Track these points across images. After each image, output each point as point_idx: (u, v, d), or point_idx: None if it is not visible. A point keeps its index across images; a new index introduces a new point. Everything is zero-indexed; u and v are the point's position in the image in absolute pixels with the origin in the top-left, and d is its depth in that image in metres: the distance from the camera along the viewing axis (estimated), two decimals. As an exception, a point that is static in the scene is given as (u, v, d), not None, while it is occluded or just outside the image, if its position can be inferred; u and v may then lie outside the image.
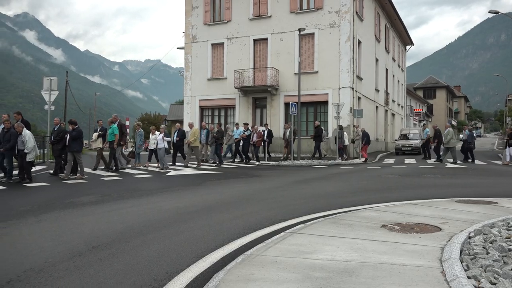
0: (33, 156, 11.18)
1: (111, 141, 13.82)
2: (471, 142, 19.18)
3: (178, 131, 16.49)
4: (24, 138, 10.87)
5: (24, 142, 10.86)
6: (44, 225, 6.06)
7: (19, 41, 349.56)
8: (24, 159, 10.94)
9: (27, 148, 10.85)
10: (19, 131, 10.92)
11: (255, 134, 18.54)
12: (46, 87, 16.61)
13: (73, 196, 8.81)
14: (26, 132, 11.05)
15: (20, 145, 10.96)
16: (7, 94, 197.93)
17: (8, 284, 3.63)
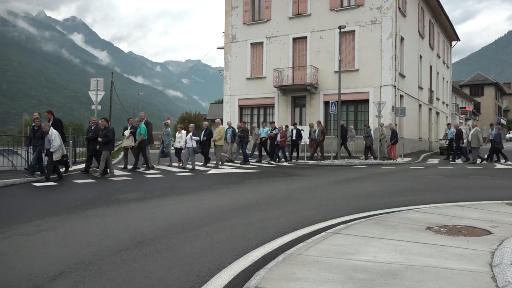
0: (59, 155, 11.20)
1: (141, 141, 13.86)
2: (498, 142, 18.23)
3: (205, 130, 16.28)
4: (51, 137, 10.96)
5: (51, 141, 10.95)
6: (92, 220, 6.32)
7: (68, 44, 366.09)
8: (51, 157, 11.04)
9: (52, 147, 10.90)
10: (46, 130, 11.12)
11: (279, 133, 18.12)
12: (93, 87, 17.28)
13: (118, 192, 9.13)
14: (53, 131, 11.14)
15: (47, 144, 11.07)
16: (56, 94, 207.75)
17: (61, 275, 3.81)
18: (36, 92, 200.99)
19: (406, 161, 19.50)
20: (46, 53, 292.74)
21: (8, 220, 6.26)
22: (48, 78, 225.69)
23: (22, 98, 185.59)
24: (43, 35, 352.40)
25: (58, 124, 12.12)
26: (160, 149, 16.71)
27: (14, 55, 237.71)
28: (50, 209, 7.23)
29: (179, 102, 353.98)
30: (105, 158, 12.15)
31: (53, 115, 12.39)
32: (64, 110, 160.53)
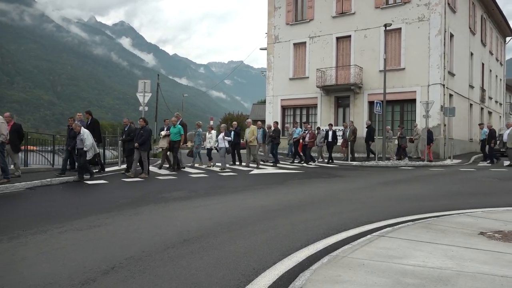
0: (92, 154, 11.35)
1: (175, 141, 13.68)
2: None
3: (235, 130, 16.12)
4: (82, 136, 11.12)
5: (83, 140, 11.09)
6: (141, 217, 6.55)
7: (117, 48, 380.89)
8: (84, 157, 11.19)
9: (85, 146, 11.05)
10: (77, 131, 11.23)
11: (308, 134, 17.52)
12: (140, 89, 17.93)
13: (164, 191, 9.40)
14: (84, 131, 11.31)
15: (79, 143, 11.20)
16: (106, 96, 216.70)
17: (112, 269, 3.98)
18: (87, 94, 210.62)
19: (456, 163, 18.71)
20: (96, 57, 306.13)
21: (64, 216, 6.62)
22: (98, 81, 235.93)
23: (75, 100, 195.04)
24: (93, 39, 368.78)
25: (95, 124, 12.47)
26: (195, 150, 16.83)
27: (67, 59, 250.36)
28: (101, 206, 7.56)
29: (222, 103, 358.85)
30: (137, 158, 12.14)
31: (91, 116, 12.74)
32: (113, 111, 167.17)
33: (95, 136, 12.40)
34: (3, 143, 9.65)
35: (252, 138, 15.74)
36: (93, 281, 3.68)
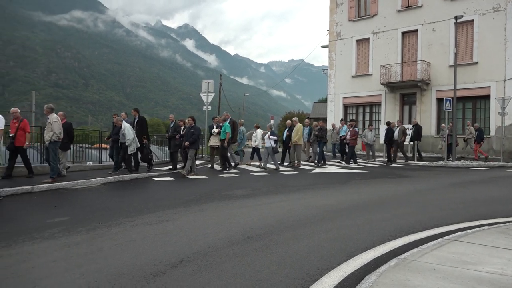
0: (133, 148, 11.55)
1: (223, 140, 13.64)
2: None
3: (289, 129, 15.68)
4: (124, 131, 11.32)
5: (124, 135, 11.29)
6: (206, 213, 6.75)
7: (181, 50, 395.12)
8: (126, 151, 11.46)
9: (127, 141, 11.26)
10: (119, 125, 11.54)
11: (349, 132, 16.70)
12: (204, 89, 18.44)
13: (227, 189, 9.60)
14: (125, 125, 11.50)
15: (121, 138, 11.44)
16: (171, 96, 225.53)
17: (181, 263, 4.15)
18: (154, 94, 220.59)
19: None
20: (162, 59, 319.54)
21: (135, 210, 6.99)
22: (164, 82, 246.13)
23: (143, 100, 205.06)
24: (160, 42, 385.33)
25: (142, 122, 12.71)
26: None
27: (136, 62, 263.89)
28: (168, 202, 7.88)
29: (283, 102, 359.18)
30: (192, 157, 12.17)
31: (138, 113, 12.97)
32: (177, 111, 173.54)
33: (143, 133, 12.68)
34: (56, 141, 9.86)
35: (297, 137, 15.06)
36: (163, 273, 3.85)
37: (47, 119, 9.99)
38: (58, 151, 10.26)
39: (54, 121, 9.81)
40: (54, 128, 9.74)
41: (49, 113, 9.99)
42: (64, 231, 5.52)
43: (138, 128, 12.57)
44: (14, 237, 5.23)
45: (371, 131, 17.61)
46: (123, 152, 11.61)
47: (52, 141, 9.74)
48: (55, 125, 9.76)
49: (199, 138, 12.57)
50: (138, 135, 12.18)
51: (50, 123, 9.77)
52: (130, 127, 11.60)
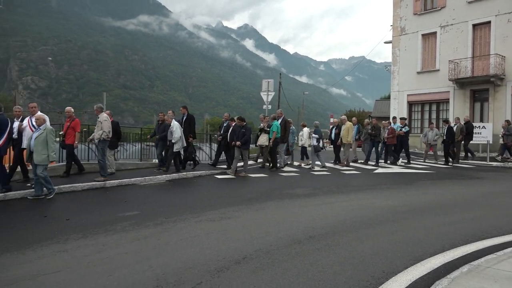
0: (179, 146, 11.32)
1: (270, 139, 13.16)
2: None
3: (336, 127, 15.05)
4: (172, 128, 11.17)
5: (172, 132, 11.14)
6: (267, 211, 6.80)
7: (241, 50, 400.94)
8: (171, 149, 11.28)
9: (174, 138, 11.10)
10: (168, 122, 11.43)
11: (387, 130, 15.53)
12: (264, 88, 18.59)
13: (288, 188, 9.60)
14: (174, 123, 11.35)
15: (169, 135, 11.31)
16: (231, 96, 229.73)
17: (243, 260, 4.21)
18: (215, 94, 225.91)
19: None
20: (222, 59, 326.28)
21: (199, 207, 7.21)
22: (225, 82, 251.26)
23: (204, 100, 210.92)
24: (220, 43, 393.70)
25: (190, 120, 12.53)
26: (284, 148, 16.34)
27: (198, 63, 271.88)
28: (231, 199, 8.04)
29: (343, 100, 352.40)
30: (247, 157, 11.94)
31: (187, 111, 12.74)
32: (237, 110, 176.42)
33: (191, 131, 12.52)
34: (105, 140, 9.91)
35: (347, 136, 14.37)
36: (227, 269, 3.93)
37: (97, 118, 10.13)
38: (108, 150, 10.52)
39: (104, 120, 9.91)
40: (104, 127, 9.82)
41: (99, 113, 10.14)
42: (133, 225, 5.82)
43: (186, 126, 12.34)
44: (89, 228, 5.61)
45: (432, 130, 16.52)
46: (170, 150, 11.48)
47: (102, 139, 9.84)
48: (104, 124, 9.85)
49: (250, 138, 12.23)
50: (185, 133, 11.97)
51: (100, 122, 9.92)
52: (178, 125, 11.50)
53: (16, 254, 4.59)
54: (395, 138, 15.32)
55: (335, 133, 15.02)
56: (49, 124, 8.51)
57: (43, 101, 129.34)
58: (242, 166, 12.12)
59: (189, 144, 12.28)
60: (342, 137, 14.41)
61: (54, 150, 7.88)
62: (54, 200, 7.89)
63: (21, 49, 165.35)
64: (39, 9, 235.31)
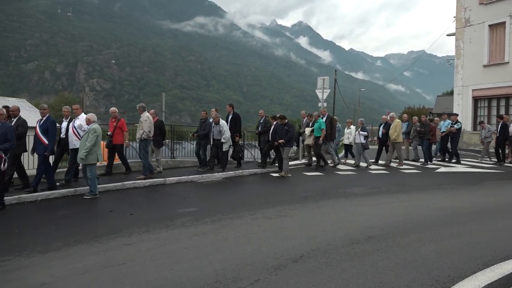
0: (227, 146, 11.18)
1: (317, 137, 12.84)
2: None
3: (385, 124, 14.27)
4: (222, 128, 11.02)
5: (222, 132, 10.99)
6: (324, 210, 6.71)
7: (295, 48, 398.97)
8: (220, 148, 11.14)
9: (224, 138, 10.94)
10: (216, 121, 11.22)
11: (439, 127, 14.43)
12: (319, 86, 18.33)
13: (344, 186, 9.42)
14: (223, 122, 11.19)
15: (216, 135, 11.10)
16: (285, 94, 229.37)
17: (301, 258, 4.19)
18: (269, 93, 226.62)
19: None
20: (277, 58, 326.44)
21: (255, 204, 7.28)
22: (279, 80, 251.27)
23: (258, 99, 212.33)
24: (274, 41, 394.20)
25: (236, 118, 12.30)
26: None
27: (252, 62, 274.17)
28: (286, 197, 8.04)
29: (401, 96, 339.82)
30: (288, 156, 11.64)
31: (233, 109, 12.51)
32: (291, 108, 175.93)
33: (236, 130, 12.30)
34: (146, 139, 10.03)
35: (395, 134, 13.54)
36: (284, 267, 3.94)
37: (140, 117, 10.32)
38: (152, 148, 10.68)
39: (145, 119, 10.06)
40: (144, 126, 9.98)
41: (141, 112, 10.33)
42: (192, 220, 6.00)
43: (232, 124, 12.14)
44: (152, 223, 5.85)
45: (484, 128, 15.30)
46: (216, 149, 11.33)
47: (143, 138, 9.99)
48: (145, 124, 10.00)
49: (293, 136, 11.93)
50: (231, 132, 11.80)
51: (141, 121, 10.12)
52: (226, 124, 11.41)
53: (86, 245, 4.90)
54: (435, 136, 14.45)
55: (382, 132, 14.33)
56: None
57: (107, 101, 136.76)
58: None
59: (235, 143, 12.16)
60: (391, 135, 13.72)
61: (87, 149, 7.93)
62: (118, 196, 8.32)
63: (87, 54, 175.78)
64: (103, 15, 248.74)
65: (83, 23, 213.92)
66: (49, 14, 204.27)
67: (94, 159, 8.06)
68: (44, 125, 8.29)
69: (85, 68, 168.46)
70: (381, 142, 14.61)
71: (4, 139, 6.84)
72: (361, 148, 13.59)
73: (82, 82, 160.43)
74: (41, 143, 8.20)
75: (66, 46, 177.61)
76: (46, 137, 8.19)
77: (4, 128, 6.96)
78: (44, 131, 8.23)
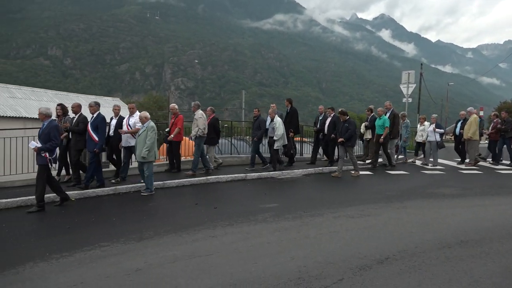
0: (280, 144, 10.65)
1: (379, 134, 11.87)
2: None
3: (463, 121, 12.88)
4: (275, 125, 10.59)
5: (275, 129, 10.57)
6: (409, 211, 6.39)
7: (376, 41, 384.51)
8: (272, 146, 10.69)
9: (276, 135, 10.50)
10: (271, 117, 10.82)
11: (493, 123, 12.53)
12: (404, 80, 17.49)
13: (432, 186, 8.89)
14: (277, 119, 10.73)
15: (270, 132, 10.70)
16: (366, 90, 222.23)
17: (386, 260, 4.04)
18: (349, 89, 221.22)
19: None
20: (357, 52, 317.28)
21: (336, 202, 7.16)
22: (359, 75, 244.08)
23: (337, 95, 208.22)
24: (354, 36, 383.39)
25: (294, 113, 11.83)
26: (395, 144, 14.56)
27: (331, 57, 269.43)
28: (369, 196, 7.78)
29: (496, 90, 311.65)
30: (343, 156, 10.81)
31: (291, 104, 12.04)
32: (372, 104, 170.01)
33: (293, 125, 11.80)
34: (201, 136, 9.97)
35: (471, 131, 12.32)
36: (369, 268, 3.82)
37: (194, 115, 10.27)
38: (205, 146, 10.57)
39: (199, 117, 10.00)
40: (199, 123, 9.93)
41: (196, 110, 10.33)
42: (274, 216, 6.06)
43: (288, 120, 11.68)
44: (234, 217, 6.02)
45: None
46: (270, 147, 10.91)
47: (198, 136, 9.97)
48: (199, 121, 9.94)
49: (355, 133, 10.95)
50: (287, 128, 11.26)
51: (196, 119, 10.11)
52: (281, 122, 10.88)
53: (175, 236, 5.18)
54: (498, 134, 12.82)
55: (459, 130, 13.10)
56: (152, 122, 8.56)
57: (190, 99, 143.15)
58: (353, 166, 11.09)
59: (289, 139, 11.58)
60: (465, 133, 12.50)
61: (148, 147, 8.00)
62: (203, 189, 8.68)
63: (173, 54, 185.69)
64: (187, 17, 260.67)
65: (170, 25, 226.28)
66: (140, 18, 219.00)
67: (152, 157, 8.18)
68: (94, 122, 8.23)
69: (171, 68, 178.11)
70: (457, 140, 13.50)
71: (48, 139, 6.85)
72: (435, 147, 12.69)
73: (168, 82, 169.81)
74: (92, 140, 8.15)
75: (154, 48, 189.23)
76: (96, 134, 8.19)
77: (48, 128, 6.95)
78: (94, 128, 8.17)
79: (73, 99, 24.45)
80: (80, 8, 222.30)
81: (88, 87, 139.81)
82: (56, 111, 8.87)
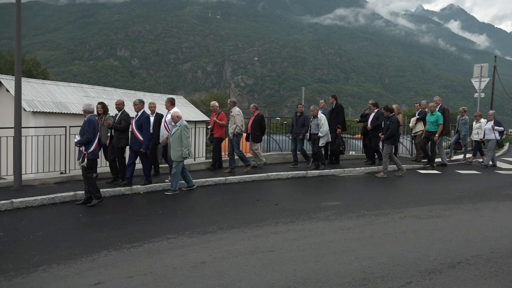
0: (324, 141, 10.32)
1: (430, 132, 11.12)
2: None
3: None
4: (320, 121, 10.26)
5: (319, 125, 10.24)
6: (483, 214, 6.01)
7: (444, 34, 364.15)
8: (316, 144, 10.33)
9: (321, 132, 10.15)
10: (314, 114, 10.43)
11: None
12: (476, 74, 16.42)
13: (508, 188, 8.29)
14: (321, 115, 10.40)
15: (314, 128, 10.35)
16: (432, 85, 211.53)
17: (458, 264, 3.83)
18: (413, 84, 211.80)
19: None
20: (422, 46, 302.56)
21: (401, 202, 6.89)
22: (425, 70, 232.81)
23: (401, 91, 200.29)
24: (420, 28, 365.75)
25: (339, 109, 11.37)
26: (453, 140, 13.80)
27: (395, 51, 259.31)
28: (437, 197, 7.40)
29: None
30: (388, 154, 10.17)
31: (336, 100, 11.60)
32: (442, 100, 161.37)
33: (339, 122, 11.26)
34: (239, 134, 9.87)
35: None
36: (439, 272, 3.64)
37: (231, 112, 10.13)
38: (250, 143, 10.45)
39: (236, 114, 9.91)
40: (237, 120, 9.82)
41: (232, 107, 10.23)
42: (336, 214, 5.96)
43: (334, 116, 11.26)
44: (296, 214, 6.00)
45: None
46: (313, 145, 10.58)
47: (235, 133, 9.86)
48: (237, 118, 9.84)
49: (397, 132, 10.42)
50: (332, 124, 10.93)
51: (233, 116, 9.98)
52: (326, 118, 10.54)
53: (237, 231, 5.27)
54: None
55: None
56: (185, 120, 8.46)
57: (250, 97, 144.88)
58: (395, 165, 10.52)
59: (336, 136, 11.24)
60: None
61: (187, 146, 7.92)
62: (264, 186, 8.74)
63: (233, 52, 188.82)
64: (247, 15, 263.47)
65: (230, 24, 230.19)
66: (202, 18, 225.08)
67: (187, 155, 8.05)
68: (139, 121, 8.13)
69: (231, 66, 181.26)
70: None
71: (82, 133, 6.91)
72: (494, 145, 11.85)
73: (228, 79, 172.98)
74: (137, 139, 8.06)
75: (215, 47, 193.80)
76: (141, 134, 8.06)
77: (83, 122, 6.96)
78: (139, 127, 8.08)
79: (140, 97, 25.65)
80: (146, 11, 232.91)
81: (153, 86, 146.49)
82: (97, 109, 8.82)
